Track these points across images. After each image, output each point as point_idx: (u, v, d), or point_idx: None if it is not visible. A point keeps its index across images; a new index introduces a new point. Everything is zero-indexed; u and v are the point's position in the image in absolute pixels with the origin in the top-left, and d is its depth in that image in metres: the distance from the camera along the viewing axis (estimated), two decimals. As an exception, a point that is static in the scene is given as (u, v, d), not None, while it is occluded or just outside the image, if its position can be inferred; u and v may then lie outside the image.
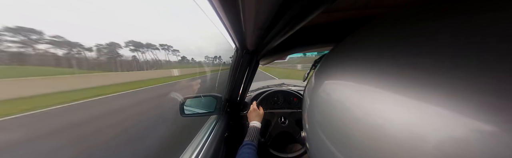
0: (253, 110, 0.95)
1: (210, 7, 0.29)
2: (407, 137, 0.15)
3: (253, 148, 0.66)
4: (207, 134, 0.79)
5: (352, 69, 0.25)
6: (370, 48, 0.24)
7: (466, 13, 0.15)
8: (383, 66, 0.20)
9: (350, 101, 0.23)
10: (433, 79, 0.15)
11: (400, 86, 0.17)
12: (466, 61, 0.14)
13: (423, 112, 0.15)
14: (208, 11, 0.33)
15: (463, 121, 0.12)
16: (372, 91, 0.20)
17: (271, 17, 0.29)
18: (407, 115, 0.16)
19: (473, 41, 0.14)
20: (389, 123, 0.17)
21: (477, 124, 0.12)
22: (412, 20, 0.21)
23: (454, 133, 0.13)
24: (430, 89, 0.15)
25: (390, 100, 0.18)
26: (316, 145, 0.31)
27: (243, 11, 0.26)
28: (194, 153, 0.65)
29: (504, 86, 0.11)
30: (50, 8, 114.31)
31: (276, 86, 1.60)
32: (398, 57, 0.19)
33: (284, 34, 0.39)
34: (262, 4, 0.23)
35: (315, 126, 0.31)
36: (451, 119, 0.13)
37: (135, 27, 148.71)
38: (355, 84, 0.23)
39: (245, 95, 1.09)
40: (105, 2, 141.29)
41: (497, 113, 0.11)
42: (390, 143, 0.16)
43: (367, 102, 0.20)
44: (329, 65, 0.33)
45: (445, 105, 0.13)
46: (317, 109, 0.31)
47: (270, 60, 0.96)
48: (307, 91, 0.41)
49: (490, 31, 0.13)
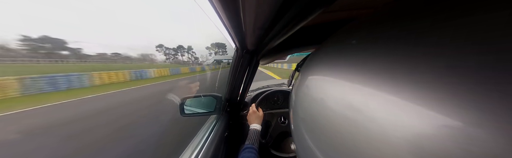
0: (253, 112, 0.94)
1: (210, 6, 0.30)
2: (389, 134, 0.15)
3: (254, 152, 0.65)
4: (207, 134, 0.80)
5: (333, 68, 0.26)
6: (349, 48, 0.26)
7: (450, 13, 0.16)
8: (362, 65, 0.21)
9: (330, 98, 0.24)
10: (412, 76, 0.15)
11: (381, 83, 0.18)
12: (444, 59, 0.14)
13: (403, 109, 0.15)
14: (208, 11, 0.33)
15: (440, 117, 0.13)
16: (351, 88, 0.21)
17: (271, 17, 0.29)
18: (389, 112, 0.16)
19: (453, 41, 0.14)
20: (370, 119, 0.17)
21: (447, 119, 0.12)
22: (389, 20, 0.22)
23: (428, 127, 0.13)
24: (410, 86, 0.15)
25: (370, 97, 0.18)
26: (300, 142, 0.32)
27: (243, 11, 0.26)
28: (194, 152, 0.65)
29: (477, 85, 0.12)
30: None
31: (276, 85, 1.60)
32: (377, 55, 0.20)
33: (284, 34, 0.39)
34: (263, 4, 0.23)
35: (299, 124, 0.32)
36: (428, 115, 0.13)
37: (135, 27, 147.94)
38: (335, 82, 0.24)
39: (245, 94, 1.09)
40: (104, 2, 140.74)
41: (470, 111, 0.12)
42: (371, 140, 0.17)
43: (346, 99, 0.21)
44: (311, 65, 0.34)
45: (424, 101, 0.14)
46: (300, 107, 0.32)
47: (270, 60, 0.96)
48: (292, 90, 0.42)
49: (474, 30, 0.14)
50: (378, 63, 0.19)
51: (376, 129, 0.16)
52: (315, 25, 0.59)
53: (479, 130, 0.11)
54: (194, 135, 0.83)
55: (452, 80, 0.13)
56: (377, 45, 0.21)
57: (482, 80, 0.12)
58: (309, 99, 0.29)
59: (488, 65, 0.12)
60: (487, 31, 0.13)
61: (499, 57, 0.11)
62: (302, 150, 0.31)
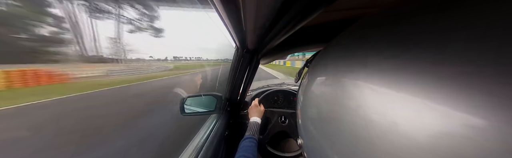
0: (254, 106, 0.95)
1: (211, 6, 0.29)
2: (400, 134, 0.15)
3: (254, 142, 0.67)
4: (207, 133, 0.80)
5: (342, 67, 0.26)
6: (358, 47, 0.25)
7: (457, 11, 0.16)
8: (371, 64, 0.21)
9: (340, 98, 0.24)
10: (423, 76, 0.15)
11: (391, 83, 0.18)
12: (454, 59, 0.14)
13: (413, 109, 0.15)
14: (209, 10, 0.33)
15: (452, 117, 0.13)
16: (361, 88, 0.21)
17: (272, 17, 0.29)
18: (399, 112, 0.16)
19: (459, 40, 0.14)
20: (382, 119, 0.17)
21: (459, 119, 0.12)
22: (397, 19, 0.22)
23: (440, 128, 0.13)
24: (421, 86, 0.15)
25: (381, 97, 0.18)
26: (309, 141, 0.31)
27: (243, 10, 0.26)
28: (194, 151, 0.65)
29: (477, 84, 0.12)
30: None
31: (276, 85, 1.60)
32: (385, 55, 0.20)
33: (285, 34, 0.39)
34: (263, 3, 0.23)
35: (307, 123, 0.32)
36: (439, 115, 0.13)
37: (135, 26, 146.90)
38: (344, 81, 0.24)
39: (245, 94, 1.09)
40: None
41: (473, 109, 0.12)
42: (383, 139, 0.17)
43: (358, 99, 0.21)
44: (320, 64, 0.34)
45: (435, 101, 0.14)
46: (310, 106, 0.32)
47: (271, 59, 0.96)
48: (301, 89, 0.41)
49: (476, 30, 0.14)
50: (391, 63, 0.19)
51: (390, 129, 0.16)
52: (317, 24, 0.59)
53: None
54: (194, 134, 0.83)
55: (464, 79, 0.13)
56: (388, 45, 0.20)
57: (498, 80, 0.12)
58: (317, 93, 0.29)
59: (499, 65, 0.12)
60: (496, 29, 0.12)
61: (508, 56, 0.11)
62: (311, 149, 0.30)
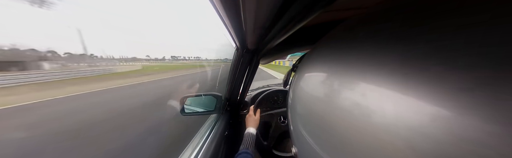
0: (249, 116, 0.92)
1: (211, 6, 0.30)
2: (384, 130, 0.16)
3: (249, 157, 0.64)
4: (207, 133, 0.80)
5: (328, 67, 0.27)
6: (343, 47, 0.26)
7: (440, 12, 0.16)
8: (356, 63, 0.21)
9: (326, 96, 0.24)
10: (406, 74, 0.16)
11: (374, 80, 0.18)
12: (441, 57, 0.14)
13: (397, 105, 0.15)
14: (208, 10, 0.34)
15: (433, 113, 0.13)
16: (346, 86, 0.21)
17: (271, 16, 0.29)
18: (385, 108, 0.16)
19: (443, 39, 0.15)
20: (366, 116, 0.18)
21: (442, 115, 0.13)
22: (381, 20, 0.22)
23: (422, 123, 0.13)
24: (405, 83, 0.15)
25: (364, 94, 0.18)
26: (300, 142, 0.32)
27: (243, 10, 0.26)
28: (194, 151, 0.65)
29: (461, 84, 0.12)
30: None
31: (276, 85, 1.60)
32: (369, 54, 0.20)
33: (285, 34, 0.39)
34: (263, 3, 0.23)
35: (297, 123, 0.32)
36: (421, 111, 0.14)
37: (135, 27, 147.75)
38: (330, 81, 0.25)
39: (245, 94, 1.09)
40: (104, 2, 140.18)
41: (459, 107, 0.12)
42: (367, 136, 0.17)
43: (341, 97, 0.21)
44: (306, 65, 0.35)
45: (418, 99, 0.14)
46: (298, 106, 0.33)
47: (270, 59, 0.96)
48: (289, 90, 0.42)
49: (464, 28, 0.14)
50: (371, 62, 0.19)
51: (371, 126, 0.17)
52: (317, 24, 0.59)
53: (494, 127, 0.11)
54: (194, 134, 0.83)
55: (443, 78, 0.13)
56: (369, 44, 0.21)
57: (473, 78, 0.12)
58: (305, 98, 0.30)
59: (479, 63, 0.12)
60: (478, 29, 0.13)
61: (489, 56, 0.12)
62: (302, 150, 0.31)
